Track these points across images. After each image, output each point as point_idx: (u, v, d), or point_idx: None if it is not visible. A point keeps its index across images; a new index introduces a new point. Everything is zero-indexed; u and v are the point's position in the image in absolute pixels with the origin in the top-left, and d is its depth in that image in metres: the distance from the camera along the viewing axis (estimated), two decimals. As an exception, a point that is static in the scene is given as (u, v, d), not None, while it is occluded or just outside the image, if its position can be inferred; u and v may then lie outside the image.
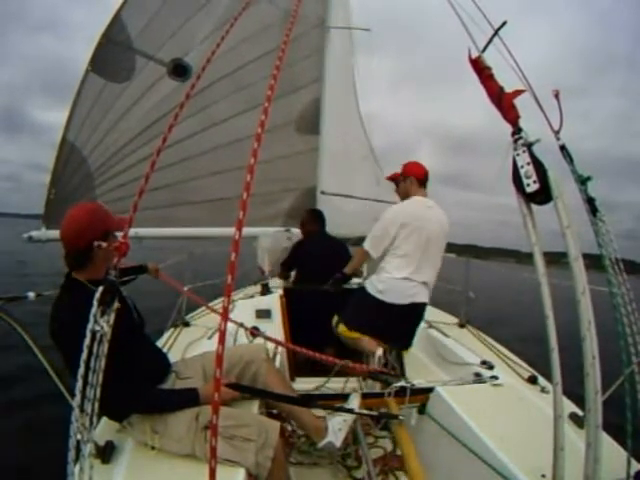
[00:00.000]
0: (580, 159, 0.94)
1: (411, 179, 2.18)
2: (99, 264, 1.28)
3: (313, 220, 3.19)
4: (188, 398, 1.33)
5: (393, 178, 2.30)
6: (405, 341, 2.15)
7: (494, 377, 1.88)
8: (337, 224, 4.38)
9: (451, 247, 2.25)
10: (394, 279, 2.04)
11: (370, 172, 4.62)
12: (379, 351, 1.96)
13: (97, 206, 1.34)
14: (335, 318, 2.24)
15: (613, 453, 1.23)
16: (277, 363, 1.99)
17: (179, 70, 3.05)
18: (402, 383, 1.73)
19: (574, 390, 1.14)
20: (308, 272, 2.97)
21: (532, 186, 0.87)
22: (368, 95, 4.81)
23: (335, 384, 2.11)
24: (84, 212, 1.31)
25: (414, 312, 2.09)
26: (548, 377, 1.67)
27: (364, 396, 1.72)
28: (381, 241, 2.09)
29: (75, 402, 0.88)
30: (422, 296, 2.06)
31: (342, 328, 2.16)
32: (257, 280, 3.60)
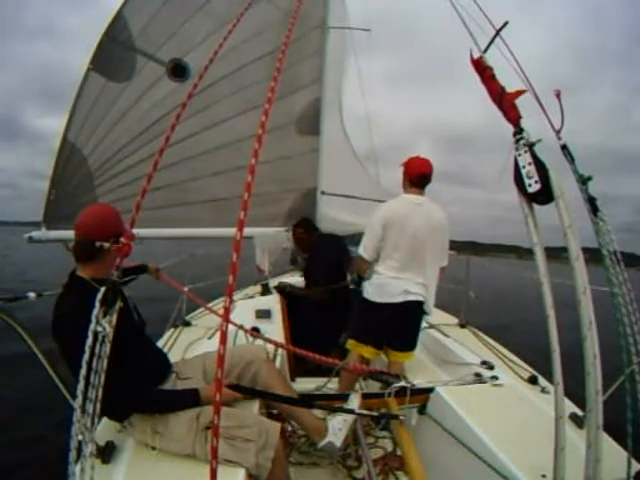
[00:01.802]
0: (576, 153, 0.94)
1: (405, 177, 2.13)
2: (105, 263, 1.28)
3: (309, 229, 3.17)
4: (189, 399, 1.33)
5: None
6: (406, 341, 2.12)
7: (494, 377, 1.88)
8: (337, 222, 4.41)
9: (450, 244, 2.21)
10: (384, 279, 2.02)
11: (372, 172, 4.64)
12: None
13: (114, 210, 1.37)
14: (341, 338, 2.19)
15: (613, 453, 1.22)
16: (277, 363, 1.99)
17: (177, 71, 3.05)
18: (402, 383, 1.73)
19: (574, 390, 1.14)
20: (322, 275, 2.97)
21: (534, 186, 0.88)
22: (368, 95, 4.83)
23: (335, 384, 2.11)
24: (101, 212, 1.36)
25: (409, 310, 2.04)
26: (548, 377, 1.67)
27: (364, 396, 1.72)
28: (370, 242, 2.05)
29: (77, 403, 0.88)
30: (415, 295, 2.01)
31: (351, 343, 2.11)
32: (257, 280, 3.61)
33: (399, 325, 2.06)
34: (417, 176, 2.09)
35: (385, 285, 2.01)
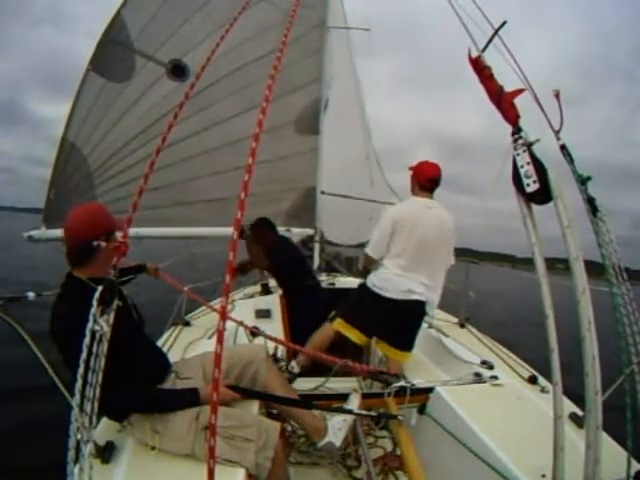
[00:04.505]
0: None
1: (414, 180, 2.17)
2: (102, 262, 1.27)
3: (267, 228, 2.98)
4: (188, 398, 1.33)
5: (410, 170, 2.24)
6: (403, 341, 2.13)
7: (494, 377, 1.88)
8: (335, 231, 4.46)
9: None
10: (390, 274, 2.04)
11: (367, 173, 4.67)
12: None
13: (101, 207, 1.36)
14: (332, 313, 2.21)
15: (613, 453, 1.22)
16: None
17: (177, 71, 3.05)
18: (402, 383, 1.73)
19: (574, 390, 1.13)
20: (300, 277, 2.98)
21: (532, 186, 0.88)
22: (367, 97, 4.87)
23: (335, 384, 2.11)
24: (88, 210, 1.35)
25: (411, 310, 2.06)
26: (548, 377, 1.67)
27: (364, 396, 1.72)
28: (380, 242, 2.10)
29: (75, 402, 0.88)
30: (419, 294, 2.03)
31: (339, 322, 2.13)
32: (257, 280, 3.60)
33: (397, 322, 2.07)
34: (427, 180, 2.14)
35: (389, 280, 2.04)
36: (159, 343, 2.03)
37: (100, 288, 0.99)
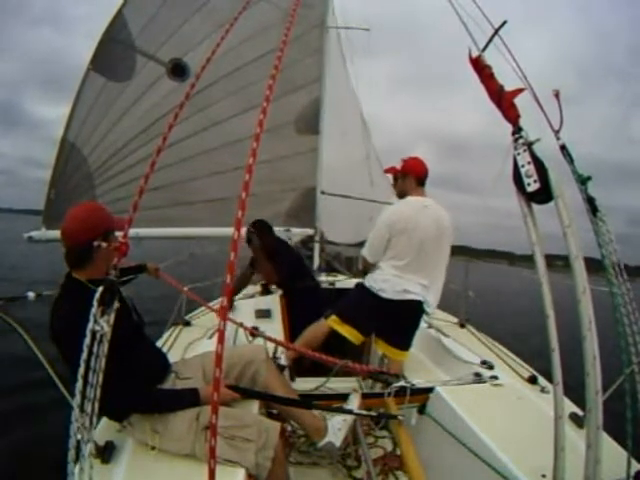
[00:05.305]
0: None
1: (410, 178, 2.14)
2: (99, 263, 1.27)
3: (266, 231, 2.98)
4: (188, 398, 1.33)
5: (393, 172, 2.26)
6: (401, 340, 2.13)
7: (494, 377, 1.88)
8: (335, 231, 4.47)
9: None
10: (387, 275, 2.03)
11: (367, 172, 4.68)
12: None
13: (98, 206, 1.35)
14: (328, 310, 2.20)
15: (613, 453, 1.22)
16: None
17: (178, 70, 3.05)
18: (402, 383, 1.73)
19: (574, 390, 1.13)
20: (300, 277, 3.00)
21: (533, 185, 0.88)
22: (365, 97, 4.88)
23: (335, 384, 2.11)
24: (85, 211, 1.33)
25: (408, 310, 2.05)
26: (548, 377, 1.67)
27: (364, 396, 1.72)
28: (377, 246, 2.08)
29: (75, 402, 0.88)
30: (415, 294, 2.02)
31: (334, 319, 2.12)
32: (257, 280, 3.60)
33: (394, 321, 2.07)
34: (424, 174, 2.14)
35: (386, 281, 2.03)
36: (159, 343, 2.03)
37: (100, 289, 0.99)
